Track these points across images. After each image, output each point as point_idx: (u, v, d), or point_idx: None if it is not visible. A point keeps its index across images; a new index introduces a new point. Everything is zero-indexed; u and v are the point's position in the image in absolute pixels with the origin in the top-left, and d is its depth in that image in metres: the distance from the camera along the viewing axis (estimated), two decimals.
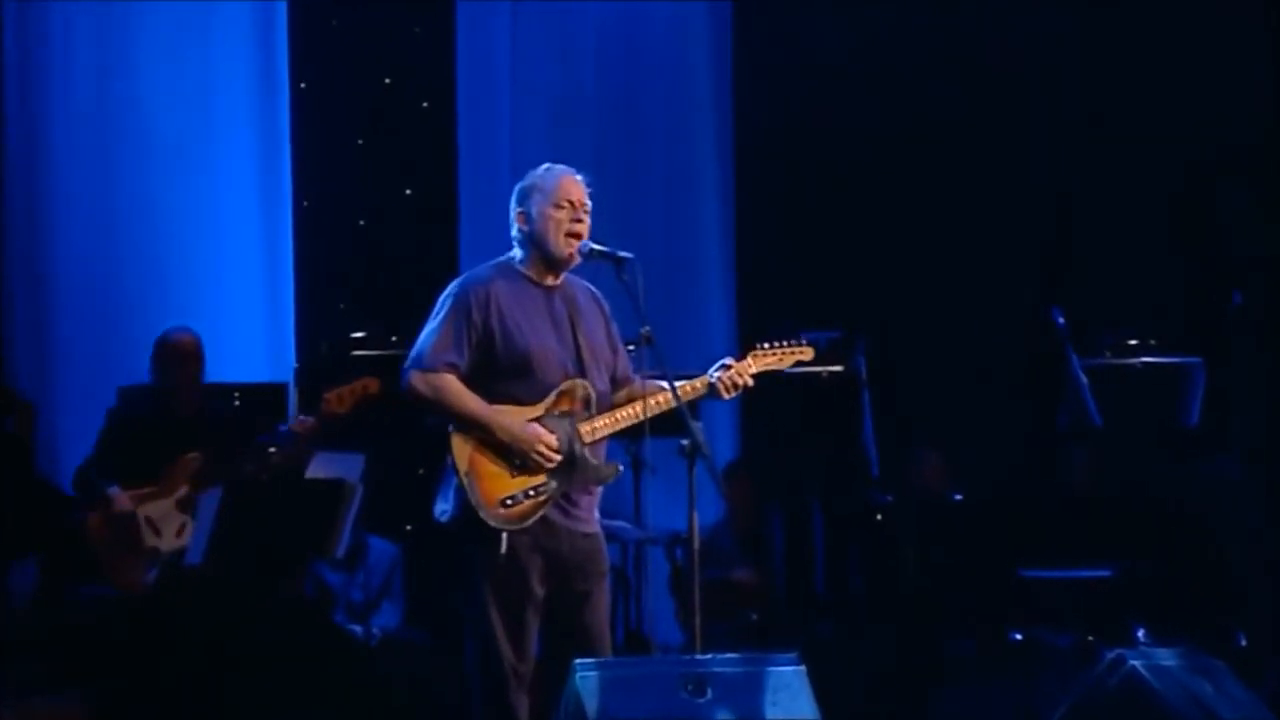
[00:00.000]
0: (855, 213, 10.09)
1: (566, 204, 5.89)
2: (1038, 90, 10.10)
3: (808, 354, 6.14)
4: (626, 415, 5.90)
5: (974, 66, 10.08)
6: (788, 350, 6.11)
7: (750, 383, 6.01)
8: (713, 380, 5.98)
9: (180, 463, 7.63)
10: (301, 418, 7.64)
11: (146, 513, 7.58)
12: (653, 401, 5.84)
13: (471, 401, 5.79)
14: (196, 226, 9.50)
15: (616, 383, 6.04)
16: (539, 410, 5.84)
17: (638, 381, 6.01)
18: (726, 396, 5.99)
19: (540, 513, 5.81)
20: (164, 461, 7.66)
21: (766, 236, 10.32)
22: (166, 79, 9.47)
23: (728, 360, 6.03)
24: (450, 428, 5.81)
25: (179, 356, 7.87)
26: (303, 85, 9.67)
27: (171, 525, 7.55)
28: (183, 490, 7.59)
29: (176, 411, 7.83)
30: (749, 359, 6.05)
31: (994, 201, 10.01)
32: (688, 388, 5.92)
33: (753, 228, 10.40)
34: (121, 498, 7.60)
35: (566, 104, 10.07)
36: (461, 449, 5.79)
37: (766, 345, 6.09)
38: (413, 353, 5.89)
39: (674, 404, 5.81)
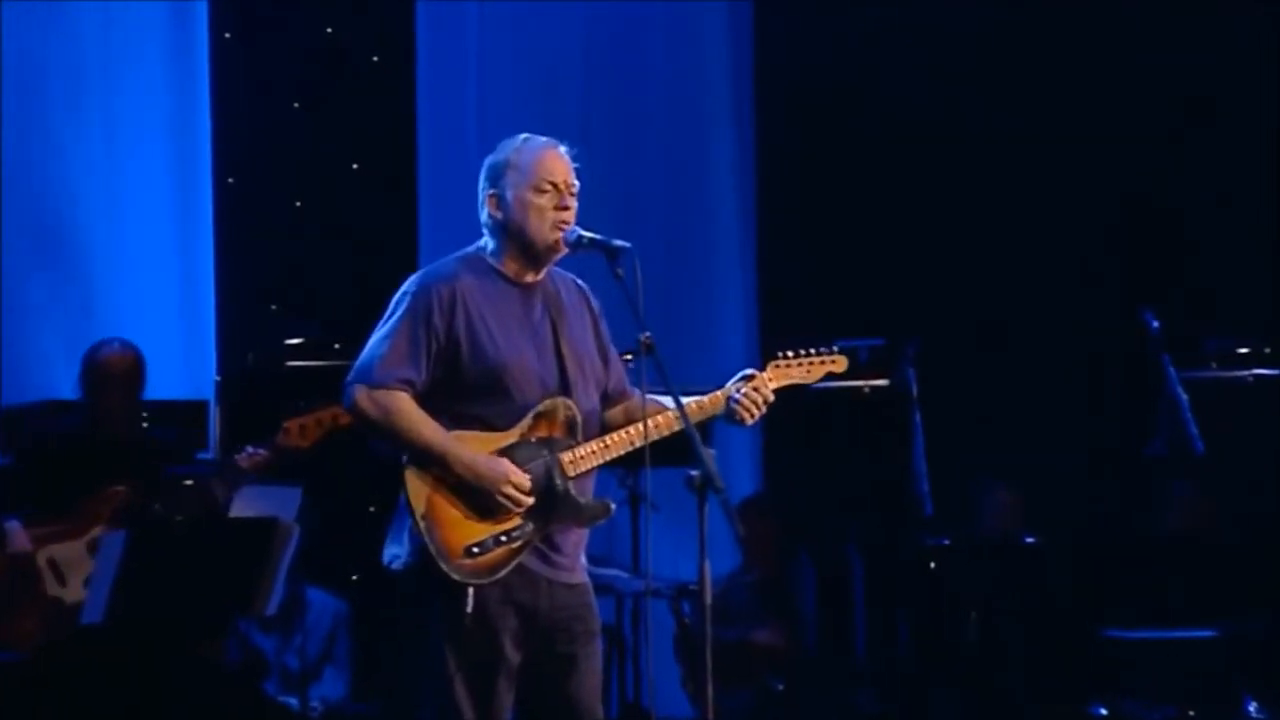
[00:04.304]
0: (903, 197, 10.11)
1: (550, 186, 5.80)
2: (1113, 71, 10.10)
3: (840, 365, 6.04)
4: (620, 441, 5.81)
5: (1040, 43, 10.12)
6: (815, 360, 6.01)
7: (771, 398, 5.93)
8: (734, 396, 5.88)
9: (101, 496, 7.55)
10: (250, 450, 7.55)
11: (50, 555, 7.50)
12: (653, 423, 5.74)
13: (427, 429, 5.69)
14: (94, 208, 9.48)
15: (609, 398, 5.95)
16: (512, 437, 5.73)
17: (636, 396, 5.90)
18: (749, 419, 5.87)
19: (515, 561, 5.75)
20: (81, 493, 7.58)
21: (793, 223, 10.31)
22: (57, 29, 9.44)
23: (750, 371, 5.95)
24: (404, 459, 5.75)
25: (112, 376, 7.82)
26: (226, 35, 9.66)
27: (79, 572, 7.43)
28: (98, 530, 7.49)
29: (106, 435, 7.79)
30: (767, 371, 5.96)
31: (1069, 187, 10.05)
32: (694, 405, 5.82)
33: (776, 214, 10.39)
34: (20, 534, 7.51)
35: (548, 59, 10.05)
36: (418, 487, 5.69)
37: (789, 355, 6.02)
38: (358, 363, 5.77)
39: (680, 426, 5.70)
